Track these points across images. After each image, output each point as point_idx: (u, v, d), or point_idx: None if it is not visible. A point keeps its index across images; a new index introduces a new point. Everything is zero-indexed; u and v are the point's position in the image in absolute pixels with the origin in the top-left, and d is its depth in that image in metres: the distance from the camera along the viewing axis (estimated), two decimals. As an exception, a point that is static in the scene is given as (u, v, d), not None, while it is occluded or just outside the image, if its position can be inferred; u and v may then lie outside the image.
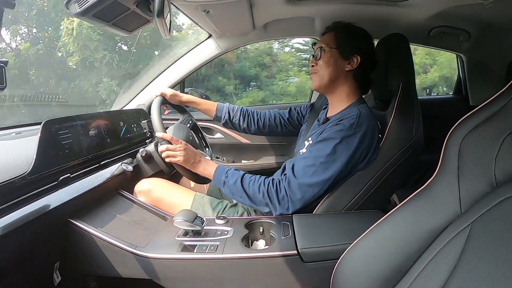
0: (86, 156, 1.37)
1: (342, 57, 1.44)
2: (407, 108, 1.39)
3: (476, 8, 1.78)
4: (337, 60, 1.44)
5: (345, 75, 1.46)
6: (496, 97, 0.66)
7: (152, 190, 1.53)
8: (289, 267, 1.12)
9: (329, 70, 1.45)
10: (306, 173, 1.31)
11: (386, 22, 1.96)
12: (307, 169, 1.31)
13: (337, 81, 1.47)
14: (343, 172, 1.32)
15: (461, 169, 0.68)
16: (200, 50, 2.29)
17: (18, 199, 1.02)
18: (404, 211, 0.78)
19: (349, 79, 1.46)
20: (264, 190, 1.32)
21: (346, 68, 1.44)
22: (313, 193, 1.31)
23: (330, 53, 1.45)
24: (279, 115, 1.88)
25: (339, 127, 1.31)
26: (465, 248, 0.61)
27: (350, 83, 1.47)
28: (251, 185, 1.35)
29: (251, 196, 1.34)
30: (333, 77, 1.46)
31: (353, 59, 1.43)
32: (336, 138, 1.30)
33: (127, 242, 1.18)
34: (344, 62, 1.44)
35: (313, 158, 1.32)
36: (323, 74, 1.46)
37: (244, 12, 1.70)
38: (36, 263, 1.09)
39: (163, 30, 1.15)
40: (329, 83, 1.47)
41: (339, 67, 1.44)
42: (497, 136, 0.64)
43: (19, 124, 1.72)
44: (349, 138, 1.29)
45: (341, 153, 1.30)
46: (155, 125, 1.47)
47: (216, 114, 1.84)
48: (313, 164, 1.31)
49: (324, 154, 1.30)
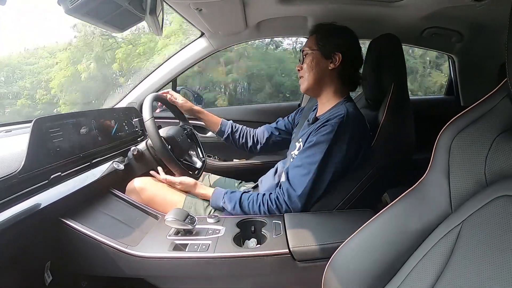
0: (77, 154, 1.36)
1: (324, 57, 1.46)
2: (399, 108, 1.40)
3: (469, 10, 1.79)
4: (319, 61, 1.47)
5: (329, 75, 1.47)
6: (487, 98, 0.67)
7: (144, 189, 1.52)
8: (281, 266, 1.13)
9: (313, 72, 1.48)
10: (304, 183, 1.33)
11: (378, 23, 1.97)
12: (303, 179, 1.33)
13: (323, 82, 1.49)
14: (339, 173, 1.34)
15: (451, 168, 0.69)
16: (192, 48, 2.28)
17: (8, 198, 1.02)
18: (395, 210, 0.79)
19: (334, 78, 1.48)
20: (265, 210, 1.36)
21: (329, 67, 1.46)
22: (312, 199, 1.35)
23: (312, 55, 1.47)
24: (272, 135, 1.88)
25: (327, 129, 1.32)
26: (456, 247, 0.61)
27: (336, 82, 1.49)
28: (250, 207, 1.38)
29: (253, 215, 1.38)
30: (318, 78, 1.48)
31: (335, 57, 1.44)
32: (326, 142, 1.31)
33: (119, 241, 1.17)
34: (327, 62, 1.46)
35: (308, 166, 1.33)
36: (308, 77, 1.49)
37: (237, 10, 1.70)
38: (27, 263, 1.08)
39: (155, 28, 1.14)
40: (315, 85, 1.50)
41: (322, 67, 1.47)
42: (487, 136, 0.64)
43: (9, 122, 1.70)
44: (339, 139, 1.31)
45: (334, 155, 1.32)
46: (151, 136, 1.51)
47: (220, 128, 1.88)
48: (308, 172, 1.32)
49: (318, 160, 1.32)
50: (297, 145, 1.47)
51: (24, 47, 8.87)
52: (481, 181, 0.64)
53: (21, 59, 8.74)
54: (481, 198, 0.61)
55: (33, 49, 8.85)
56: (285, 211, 1.35)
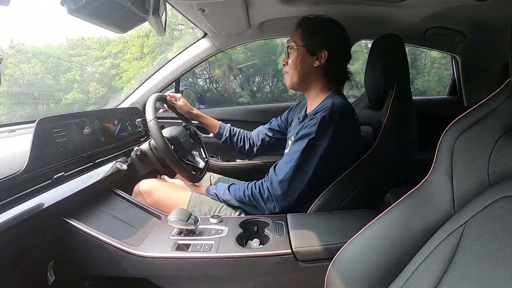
0: (81, 154, 1.37)
1: (309, 54, 1.45)
2: (402, 108, 1.40)
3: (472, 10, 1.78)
4: (304, 57, 1.46)
5: (315, 72, 1.47)
6: (490, 98, 0.67)
7: (151, 191, 1.53)
8: (283, 266, 1.13)
9: (298, 69, 1.47)
10: (285, 170, 1.34)
11: (381, 23, 1.97)
12: (286, 166, 1.35)
13: (308, 78, 1.49)
14: (322, 165, 1.34)
15: (454, 169, 0.68)
16: (195, 49, 2.28)
17: (11, 198, 1.02)
18: (398, 210, 0.79)
19: (320, 74, 1.47)
20: (249, 194, 1.39)
21: (315, 64, 1.45)
22: (295, 188, 1.34)
23: (298, 51, 1.46)
24: (267, 136, 1.87)
25: (313, 121, 1.33)
26: (459, 248, 0.61)
27: (322, 79, 1.48)
28: (237, 192, 1.43)
29: (240, 201, 1.42)
30: (302, 75, 1.48)
31: (320, 54, 1.43)
32: (311, 133, 1.32)
33: (122, 241, 1.17)
34: (312, 59, 1.45)
35: (291, 154, 1.35)
36: (293, 73, 1.49)
37: (240, 11, 1.70)
38: (30, 262, 1.09)
39: (158, 28, 1.14)
40: (300, 81, 1.50)
41: (308, 64, 1.46)
42: (490, 137, 0.64)
43: (13, 122, 1.71)
44: (323, 130, 1.31)
45: (317, 146, 1.32)
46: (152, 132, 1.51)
47: (219, 131, 1.90)
48: (291, 160, 1.34)
49: (301, 149, 1.33)
50: (289, 143, 1.49)
51: (67, 37, 8.59)
52: (484, 182, 0.64)
53: (63, 50, 8.46)
54: (484, 199, 0.61)
55: (76, 40, 8.53)
56: (266, 197, 1.37)
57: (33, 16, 8.99)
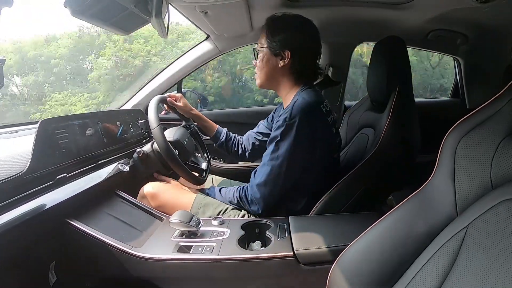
0: (83, 155, 1.37)
1: (273, 55, 1.45)
2: (404, 110, 1.39)
3: (474, 12, 1.78)
4: (269, 59, 1.46)
5: (281, 71, 1.47)
6: (492, 101, 0.67)
7: (156, 194, 1.53)
8: (285, 269, 1.13)
9: (264, 70, 1.49)
10: (260, 173, 1.40)
11: (383, 25, 1.97)
12: (260, 169, 1.41)
13: (275, 78, 1.50)
14: (291, 165, 1.36)
15: (457, 172, 0.68)
16: (198, 51, 2.28)
17: (14, 198, 1.02)
18: (400, 213, 0.78)
19: (287, 73, 1.47)
20: (237, 196, 1.46)
21: (279, 65, 1.45)
22: (271, 191, 1.38)
23: (263, 53, 1.47)
24: (256, 140, 1.87)
25: (278, 124, 1.35)
26: (461, 250, 0.61)
27: (289, 77, 1.48)
28: (227, 194, 1.51)
29: (230, 203, 1.50)
30: (269, 75, 1.49)
31: (284, 54, 1.43)
32: (277, 136, 1.34)
33: (124, 242, 1.17)
34: (276, 59, 1.45)
35: (264, 158, 1.40)
36: (260, 74, 1.51)
37: (242, 13, 1.70)
38: (32, 263, 1.09)
39: (161, 30, 1.15)
40: (268, 81, 1.51)
41: (272, 65, 1.47)
42: (493, 139, 0.64)
43: (15, 123, 1.72)
44: (286, 131, 1.32)
45: (282, 147, 1.34)
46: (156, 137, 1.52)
47: (216, 135, 1.90)
48: (263, 164, 1.40)
49: (269, 153, 1.37)
50: None
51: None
52: (487, 184, 0.63)
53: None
54: (486, 202, 0.61)
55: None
56: (250, 200, 1.42)
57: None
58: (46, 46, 9.62)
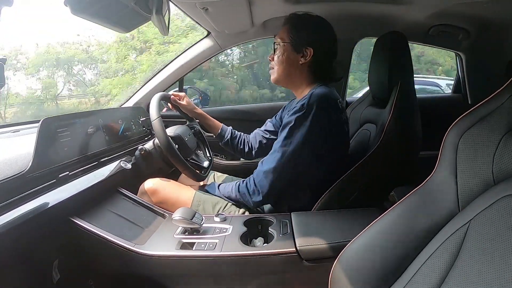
0: (85, 154, 1.37)
1: (295, 51, 1.44)
2: (406, 106, 1.39)
3: (475, 7, 1.78)
4: (290, 54, 1.45)
5: (300, 69, 1.46)
6: (494, 96, 0.66)
7: (156, 190, 1.53)
8: (288, 265, 1.13)
9: (283, 65, 1.47)
10: (269, 160, 1.37)
11: (385, 20, 1.96)
12: (270, 156, 1.38)
13: (293, 75, 1.48)
14: (303, 152, 1.35)
15: (459, 167, 0.68)
16: (199, 48, 2.28)
17: (16, 197, 1.02)
18: (402, 208, 0.78)
19: (305, 71, 1.47)
20: (236, 189, 1.46)
21: (300, 62, 1.44)
22: (277, 177, 1.36)
23: (284, 48, 1.46)
24: (264, 138, 1.86)
25: (292, 110, 1.34)
26: (463, 246, 0.61)
27: (307, 75, 1.48)
28: (225, 189, 1.52)
29: (228, 197, 1.50)
30: (287, 72, 1.48)
31: (306, 52, 1.43)
32: (291, 122, 1.33)
33: (126, 239, 1.18)
34: (297, 56, 1.44)
35: (275, 145, 1.38)
36: (278, 69, 1.49)
37: (243, 9, 1.70)
38: (35, 261, 1.09)
39: (162, 28, 1.14)
40: (285, 78, 1.50)
41: (293, 62, 1.46)
42: (495, 134, 0.63)
43: (17, 122, 1.72)
44: (302, 118, 1.32)
45: (296, 134, 1.33)
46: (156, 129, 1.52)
47: (220, 133, 1.88)
48: (274, 150, 1.38)
49: (281, 139, 1.35)
50: None
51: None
52: (489, 180, 0.63)
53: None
54: (488, 197, 0.61)
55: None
56: (252, 191, 1.40)
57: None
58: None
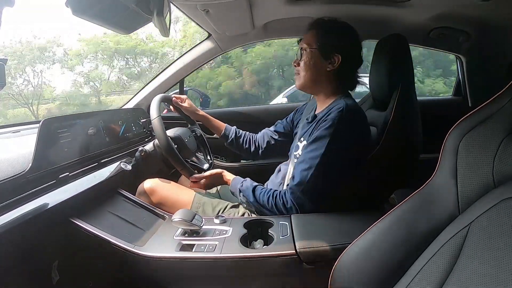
0: (85, 155, 1.37)
1: (323, 57, 1.42)
2: (406, 109, 1.39)
3: (476, 9, 1.77)
4: (317, 60, 1.43)
5: (327, 75, 1.44)
6: (494, 99, 0.66)
7: (155, 191, 1.53)
8: (287, 267, 1.13)
9: (310, 72, 1.45)
10: (305, 177, 1.32)
11: (385, 23, 1.96)
12: (305, 173, 1.32)
13: (320, 82, 1.46)
14: (344, 167, 1.33)
15: (459, 170, 0.68)
16: (199, 50, 2.28)
17: (16, 198, 1.02)
18: (403, 211, 0.78)
19: (332, 78, 1.45)
20: (272, 202, 1.37)
21: (328, 68, 1.43)
22: (317, 194, 1.33)
23: (311, 54, 1.44)
24: (272, 139, 1.86)
25: (328, 123, 1.31)
26: (463, 249, 0.61)
27: (333, 82, 1.46)
28: (261, 196, 1.40)
29: (262, 205, 1.39)
30: (314, 78, 1.45)
31: (334, 59, 1.41)
32: (326, 136, 1.30)
33: (126, 241, 1.18)
34: (325, 62, 1.43)
35: (309, 161, 1.32)
36: (304, 75, 1.46)
37: (244, 11, 1.70)
38: (35, 262, 1.09)
39: (163, 29, 1.15)
40: (311, 84, 1.48)
41: (320, 68, 1.43)
42: (495, 137, 0.63)
43: (17, 123, 1.72)
44: (339, 132, 1.29)
45: (336, 149, 1.30)
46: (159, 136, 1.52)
47: (224, 133, 1.88)
48: (310, 167, 1.31)
49: (319, 155, 1.30)
50: (299, 145, 1.46)
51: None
52: (489, 182, 0.63)
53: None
54: (489, 200, 0.61)
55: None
56: (290, 208, 1.34)
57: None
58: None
